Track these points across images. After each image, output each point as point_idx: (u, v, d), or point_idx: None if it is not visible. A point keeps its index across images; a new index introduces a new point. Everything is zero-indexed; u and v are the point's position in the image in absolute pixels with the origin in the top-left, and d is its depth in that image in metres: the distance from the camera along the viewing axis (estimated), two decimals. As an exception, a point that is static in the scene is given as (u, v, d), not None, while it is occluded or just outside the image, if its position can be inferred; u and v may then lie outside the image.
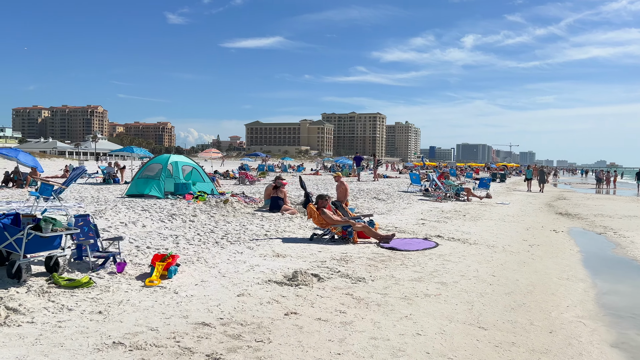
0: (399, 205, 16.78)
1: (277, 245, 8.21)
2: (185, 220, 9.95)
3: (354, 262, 7.35)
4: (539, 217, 15.91)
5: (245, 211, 11.94)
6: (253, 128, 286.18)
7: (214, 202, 12.16)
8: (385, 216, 13.49)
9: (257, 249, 7.85)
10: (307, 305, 5.13)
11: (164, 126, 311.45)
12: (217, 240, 8.31)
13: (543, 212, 17.53)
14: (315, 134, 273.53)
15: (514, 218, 14.84)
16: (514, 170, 67.64)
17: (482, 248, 9.32)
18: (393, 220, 12.64)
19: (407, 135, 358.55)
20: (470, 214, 15.30)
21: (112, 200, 12.77)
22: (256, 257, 7.20)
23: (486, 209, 17.08)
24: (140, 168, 14.49)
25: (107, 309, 4.59)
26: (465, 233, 11.08)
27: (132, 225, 8.93)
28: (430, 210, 15.73)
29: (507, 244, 10.03)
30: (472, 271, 7.27)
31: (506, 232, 11.66)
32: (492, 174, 43.10)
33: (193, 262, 6.60)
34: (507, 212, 16.58)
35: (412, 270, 7.09)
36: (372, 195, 19.42)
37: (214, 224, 9.85)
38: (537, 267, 8.03)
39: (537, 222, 14.20)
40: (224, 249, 7.67)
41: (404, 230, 10.98)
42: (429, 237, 10.17)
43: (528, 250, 9.48)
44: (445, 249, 8.92)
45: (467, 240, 10.00)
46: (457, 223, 12.81)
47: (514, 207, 18.75)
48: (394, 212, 14.72)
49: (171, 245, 7.59)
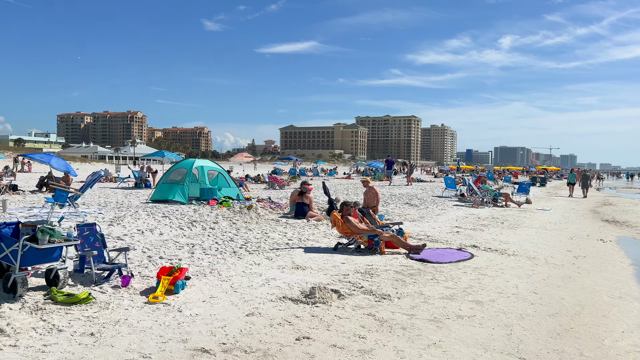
0: (432, 211, 16.03)
1: (298, 256, 7.71)
2: (205, 227, 9.57)
3: (380, 275, 6.77)
4: (583, 224, 14.88)
5: (270, 217, 11.50)
6: (287, 132, 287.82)
7: (238, 207, 11.78)
8: (417, 223, 12.81)
9: (276, 259, 7.36)
10: (322, 328, 4.59)
11: (200, 131, 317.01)
12: (236, 249, 7.87)
13: (588, 219, 16.44)
14: (348, 137, 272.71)
15: (556, 226, 13.89)
16: (555, 174, 65.18)
17: (522, 260, 8.57)
18: (425, 228, 11.96)
19: (443, 138, 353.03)
20: (508, 221, 14.43)
21: (136, 205, 12.58)
22: (274, 270, 6.72)
23: (526, 216, 16.13)
24: (165, 173, 14.30)
25: (100, 330, 4.18)
26: (504, 243, 10.30)
27: (149, 233, 8.60)
28: (465, 217, 14.93)
29: (550, 255, 9.23)
30: (510, 287, 6.58)
31: (548, 242, 10.81)
32: (531, 178, 41.48)
33: (205, 275, 6.17)
34: (549, 219, 15.60)
35: (444, 285, 6.45)
36: (404, 200, 18.71)
37: (235, 231, 9.44)
38: (585, 282, 7.25)
39: (581, 231, 13.23)
40: (241, 259, 7.22)
41: (437, 239, 10.31)
42: (463, 247, 9.47)
43: (573, 262, 8.66)
44: (481, 261, 8.22)
45: (506, 251, 9.25)
46: (494, 231, 12.02)
47: (555, 213, 17.69)
48: (427, 219, 14.01)
49: (186, 256, 7.20)
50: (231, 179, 14.48)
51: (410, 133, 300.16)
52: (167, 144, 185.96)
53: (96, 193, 17.67)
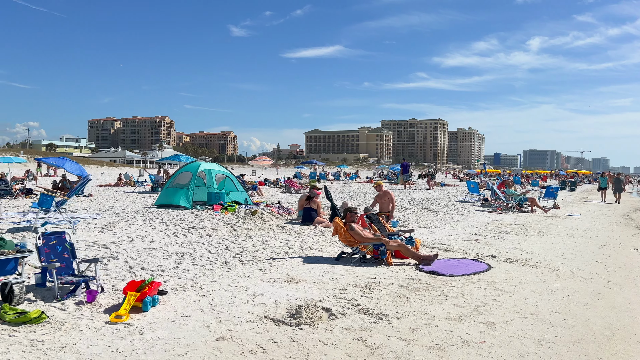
0: (451, 217, 15.19)
1: (294, 267, 7.08)
2: (202, 234, 9.04)
3: (381, 290, 6.09)
4: (615, 232, 13.82)
5: (275, 223, 10.91)
6: (312, 136, 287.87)
7: (243, 213, 11.23)
8: (433, 230, 12.03)
9: (269, 271, 6.75)
10: (301, 357, 3.95)
11: (227, 135, 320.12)
12: (228, 259, 7.29)
13: (620, 226, 15.33)
14: (373, 141, 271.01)
15: (585, 233, 12.90)
16: (586, 177, 62.94)
17: (545, 272, 7.74)
18: (441, 236, 11.19)
19: (470, 141, 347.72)
20: (533, 227, 13.50)
21: (137, 210, 12.15)
22: (264, 283, 6.10)
23: (552, 222, 15.14)
24: (170, 177, 13.87)
25: (40, 358, 3.63)
26: (526, 252, 9.46)
27: (139, 240, 8.11)
28: (487, 223, 14.05)
29: (577, 266, 8.36)
30: (529, 306, 5.81)
31: (575, 252, 9.91)
32: (560, 182, 39.93)
33: (185, 289, 5.59)
34: (577, 225, 14.58)
35: (453, 303, 5.73)
36: (423, 205, 17.90)
37: (233, 239, 8.87)
38: (616, 300, 6.41)
39: (613, 239, 12.22)
40: (231, 270, 6.63)
41: (452, 248, 9.53)
42: (480, 257, 8.68)
43: (603, 276, 7.79)
44: (498, 274, 7.44)
45: (527, 262, 8.42)
46: (516, 239, 11.15)
47: (585, 219, 16.61)
48: (445, 225, 13.20)
49: (171, 266, 6.65)
50: (239, 183, 13.96)
51: (436, 136, 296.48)
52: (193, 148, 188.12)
53: (107, 197, 17.43)
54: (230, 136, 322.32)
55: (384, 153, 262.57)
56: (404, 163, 30.23)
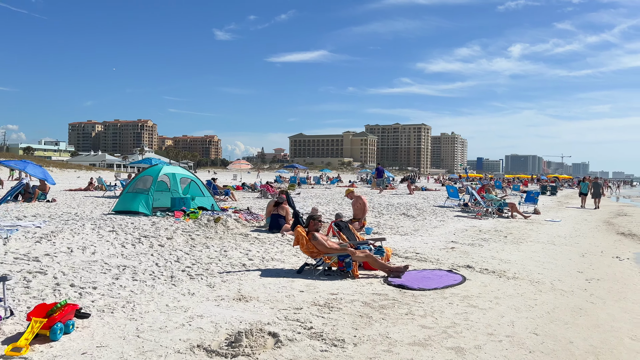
0: (429, 223, 14.64)
1: (249, 282, 6.39)
2: (153, 244, 8.29)
3: (342, 309, 5.43)
4: (596, 238, 13.40)
5: (239, 231, 10.20)
6: (297, 140, 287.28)
7: (206, 220, 10.50)
8: (408, 238, 11.43)
9: (219, 287, 6.05)
10: (227, 399, 3.28)
11: (210, 139, 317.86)
12: (176, 273, 6.58)
13: (601, 232, 14.93)
14: (358, 145, 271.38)
15: (566, 240, 12.43)
16: (566, 182, 63.25)
17: (524, 284, 7.17)
18: (417, 244, 10.59)
19: (453, 146, 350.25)
20: (513, 234, 13.00)
21: (90, 217, 11.29)
22: (209, 302, 5.40)
23: (533, 228, 14.68)
24: (130, 181, 13.06)
25: None
26: (504, 262, 8.90)
27: (80, 251, 7.35)
28: (465, 229, 13.51)
29: (557, 277, 7.82)
30: (505, 325, 5.21)
31: (556, 260, 9.39)
32: (541, 187, 39.82)
33: (114, 311, 4.87)
34: (558, 232, 14.13)
35: (420, 324, 5.10)
36: (401, 210, 17.33)
37: (188, 249, 8.15)
38: (599, 317, 5.85)
39: (594, 246, 11.77)
40: (174, 287, 5.92)
41: (426, 257, 8.93)
42: (455, 268, 8.09)
43: (585, 288, 7.24)
44: (473, 287, 6.85)
45: (505, 273, 7.85)
46: (495, 247, 10.61)
47: (566, 225, 16.20)
48: (421, 232, 12.62)
49: (107, 282, 5.91)
50: (206, 188, 13.20)
51: (420, 141, 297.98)
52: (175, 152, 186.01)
53: (70, 202, 16.52)
54: (214, 140, 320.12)
55: (369, 157, 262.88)
56: (379, 168, 29.87)
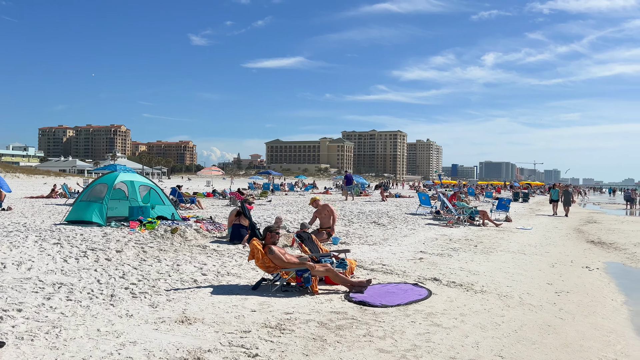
0: (400, 231, 14.32)
1: (197, 300, 5.90)
2: (99, 258, 7.71)
3: (294, 331, 5.00)
4: (566, 246, 13.28)
5: (198, 243, 9.67)
6: (273, 146, 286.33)
7: (163, 230, 9.95)
8: (376, 248, 11.07)
9: (163, 306, 5.55)
10: None
11: (185, 145, 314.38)
12: (117, 291, 6.04)
13: (571, 240, 14.86)
14: (335, 152, 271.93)
15: (536, 249, 12.26)
16: (539, 189, 64.17)
17: (491, 299, 6.86)
18: (384, 254, 10.23)
19: (428, 153, 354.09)
20: (483, 243, 12.78)
21: (37, 228, 10.58)
22: (147, 325, 4.90)
23: (503, 237, 14.51)
24: (85, 189, 12.40)
25: None
26: (472, 273, 8.60)
27: (14, 267, 6.74)
28: (435, 238, 13.23)
29: (526, 290, 7.53)
30: (469, 348, 4.86)
31: (526, 271, 9.14)
32: (514, 194, 40.16)
33: (34, 338, 4.34)
34: (529, 240, 13.98)
35: (378, 347, 4.70)
36: (372, 219, 17.00)
37: (137, 263, 7.59)
38: (568, 335, 5.55)
39: (564, 255, 11.61)
40: (112, 307, 5.39)
41: (393, 269, 8.57)
42: (421, 281, 7.74)
43: (554, 302, 6.97)
44: (439, 302, 6.50)
45: (472, 287, 7.53)
46: (464, 257, 10.33)
47: (536, 233, 16.10)
48: (391, 241, 12.29)
49: (36, 302, 5.35)
50: (165, 196, 12.60)
51: (396, 148, 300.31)
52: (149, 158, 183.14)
53: (26, 210, 15.69)
54: (189, 146, 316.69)
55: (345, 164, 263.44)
56: (347, 175, 29.78)
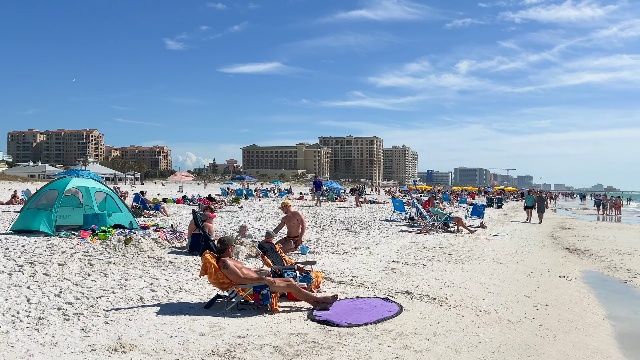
0: (372, 239, 13.80)
1: (139, 322, 5.22)
2: (37, 272, 6.94)
3: (245, 359, 4.37)
4: (542, 254, 12.95)
5: (154, 254, 8.94)
6: (249, 152, 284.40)
7: (116, 240, 9.19)
8: (347, 257, 10.51)
9: (97, 331, 4.86)
10: None
11: (160, 150, 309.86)
12: (47, 312, 5.32)
13: (547, 247, 14.57)
14: (311, 157, 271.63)
15: (512, 257, 11.88)
16: (512, 194, 64.78)
17: (467, 315, 6.35)
18: (355, 264, 9.67)
19: (404, 158, 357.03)
20: (458, 251, 12.35)
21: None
22: (71, 356, 4.22)
23: (478, 244, 14.13)
24: (33, 196, 11.53)
25: None
26: (447, 285, 8.11)
27: None
28: (408, 246, 12.75)
29: (504, 304, 7.07)
30: (442, 375, 4.31)
31: (502, 282, 8.69)
32: (488, 199, 40.22)
33: None
34: (504, 248, 13.62)
35: (339, 377, 4.12)
36: (344, 226, 16.45)
37: (80, 278, 6.85)
38: (551, 356, 5.06)
39: (541, 263, 11.25)
40: (37, 333, 4.68)
41: (363, 282, 8.01)
42: (392, 294, 7.20)
43: (533, 317, 6.50)
44: (410, 319, 5.96)
45: (446, 300, 7.02)
46: (438, 267, 9.84)
47: (511, 240, 15.80)
48: (363, 249, 11.75)
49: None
50: (122, 203, 11.81)
51: (372, 153, 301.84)
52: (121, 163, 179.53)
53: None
54: (164, 151, 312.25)
55: (322, 169, 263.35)
56: (317, 180, 29.53)
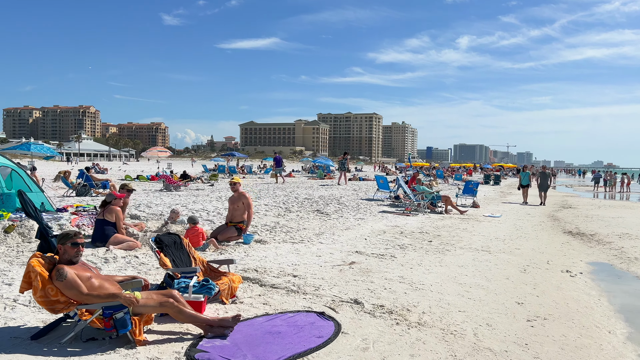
0: (343, 222, 11.85)
1: None
2: None
3: None
4: (540, 239, 11.03)
5: (42, 246, 6.98)
6: (247, 128, 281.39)
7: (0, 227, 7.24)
8: (301, 247, 8.55)
9: None
10: None
11: (157, 126, 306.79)
12: None
13: (546, 231, 12.65)
14: (310, 134, 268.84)
15: (504, 244, 9.94)
16: (511, 171, 62.70)
17: (431, 340, 4.42)
18: (305, 257, 7.72)
19: (403, 135, 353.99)
20: (441, 237, 10.42)
21: None
22: None
23: (467, 227, 12.20)
24: None
25: None
26: (414, 287, 6.17)
27: None
28: (383, 231, 10.80)
29: (486, 318, 5.13)
30: None
31: (489, 282, 6.75)
32: (485, 176, 38.23)
33: None
34: (496, 232, 11.70)
35: None
36: (317, 206, 14.47)
37: None
38: None
39: (539, 252, 9.32)
40: None
41: (302, 285, 6.06)
42: (335, 305, 5.26)
43: (527, 343, 4.56)
44: (345, 350, 4.04)
45: (408, 314, 5.09)
46: (411, 259, 7.90)
47: (506, 222, 13.86)
48: (326, 236, 9.79)
49: None
50: (32, 181, 9.83)
51: (371, 130, 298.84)
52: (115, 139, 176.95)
53: None
54: (161, 127, 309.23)
55: (321, 146, 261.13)
56: (277, 157, 28.16)
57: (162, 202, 13.79)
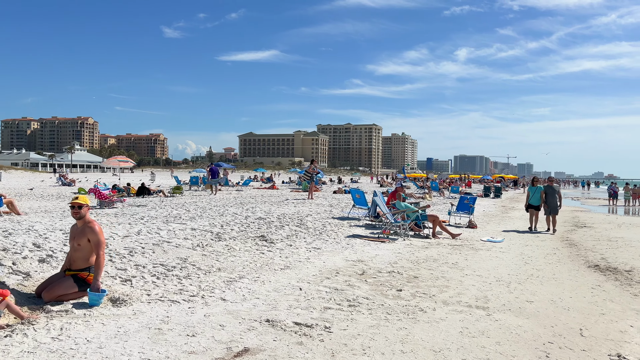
0: (288, 256, 8.60)
1: None
2: None
3: None
4: (560, 282, 7.78)
5: None
6: (246, 139, 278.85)
7: None
8: (180, 312, 5.32)
9: None
10: None
11: (156, 138, 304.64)
12: None
13: (564, 265, 9.41)
14: (309, 145, 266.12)
15: (509, 294, 6.70)
16: (512, 182, 59.41)
17: None
18: (160, 344, 4.49)
19: (403, 146, 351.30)
20: (418, 279, 7.21)
21: None
22: None
23: (458, 260, 8.99)
24: None
25: None
26: None
27: None
28: (336, 271, 7.55)
29: None
30: None
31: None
32: (485, 188, 34.96)
33: None
34: (497, 267, 8.48)
35: None
36: (265, 229, 11.18)
37: None
38: None
39: (562, 309, 6.09)
40: None
41: None
42: None
43: None
44: None
45: None
46: (356, 334, 4.66)
47: (510, 249, 10.65)
48: (244, 281, 6.55)
49: None
50: None
51: (371, 141, 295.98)
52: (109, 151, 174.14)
53: None
54: (160, 138, 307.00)
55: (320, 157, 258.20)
56: (212, 167, 26.24)
57: (33, 229, 10.27)
